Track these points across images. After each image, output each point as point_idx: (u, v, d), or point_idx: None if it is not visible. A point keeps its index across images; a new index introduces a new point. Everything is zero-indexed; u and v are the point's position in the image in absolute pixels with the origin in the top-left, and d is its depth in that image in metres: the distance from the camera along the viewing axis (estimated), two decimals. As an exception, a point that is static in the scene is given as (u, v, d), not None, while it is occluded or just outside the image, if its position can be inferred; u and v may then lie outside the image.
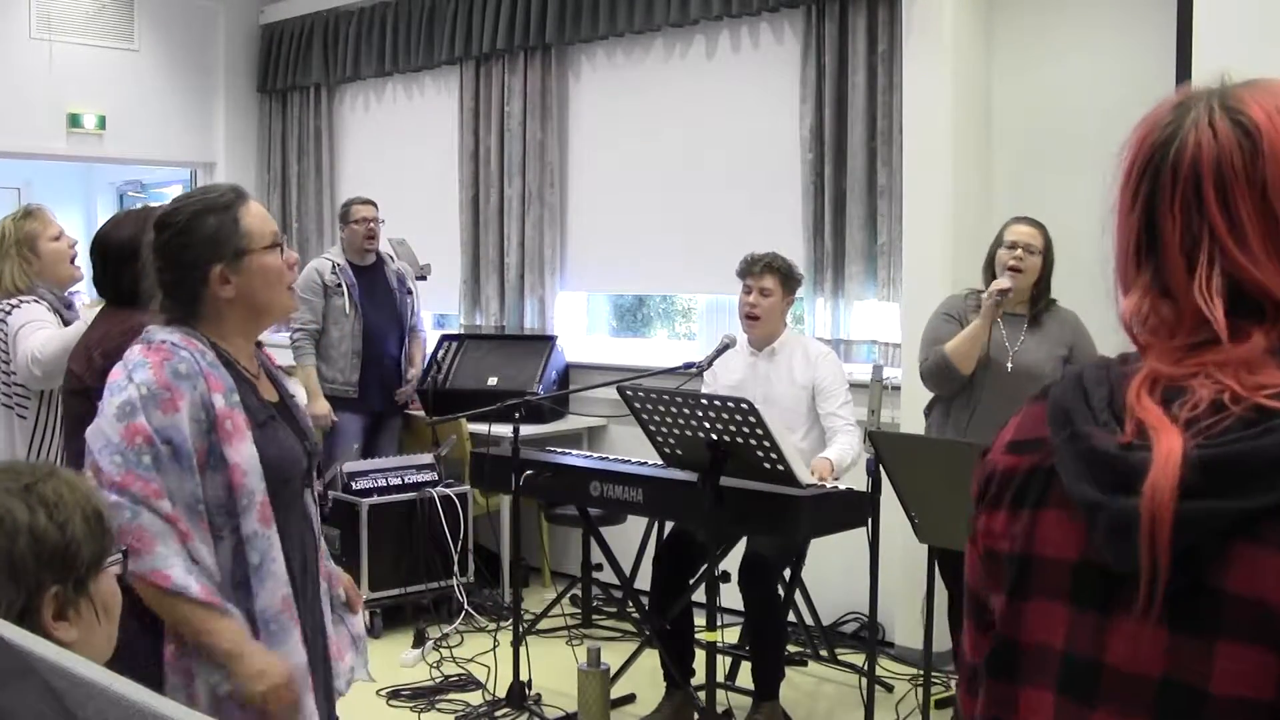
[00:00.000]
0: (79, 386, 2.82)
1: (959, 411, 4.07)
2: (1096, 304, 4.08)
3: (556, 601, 5.37)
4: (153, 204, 3.32)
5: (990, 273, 4.06)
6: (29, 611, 1.34)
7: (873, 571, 3.94)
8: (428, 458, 5.70)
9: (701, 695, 3.86)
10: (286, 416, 2.29)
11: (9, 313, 3.54)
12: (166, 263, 2.21)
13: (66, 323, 3.60)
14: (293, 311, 2.34)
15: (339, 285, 5.83)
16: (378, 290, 5.94)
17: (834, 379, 4.40)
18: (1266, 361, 1.01)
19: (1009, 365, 4.00)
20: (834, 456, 4.21)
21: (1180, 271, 1.05)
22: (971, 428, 4.04)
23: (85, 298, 4.09)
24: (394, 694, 4.65)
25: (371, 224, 5.94)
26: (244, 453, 2.12)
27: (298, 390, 2.38)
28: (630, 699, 4.54)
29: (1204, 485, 0.96)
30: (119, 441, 2.07)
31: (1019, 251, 4.00)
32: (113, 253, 2.94)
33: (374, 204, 6.08)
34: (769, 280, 4.38)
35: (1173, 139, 1.07)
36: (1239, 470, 0.96)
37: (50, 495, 1.41)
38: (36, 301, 3.58)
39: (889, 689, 4.64)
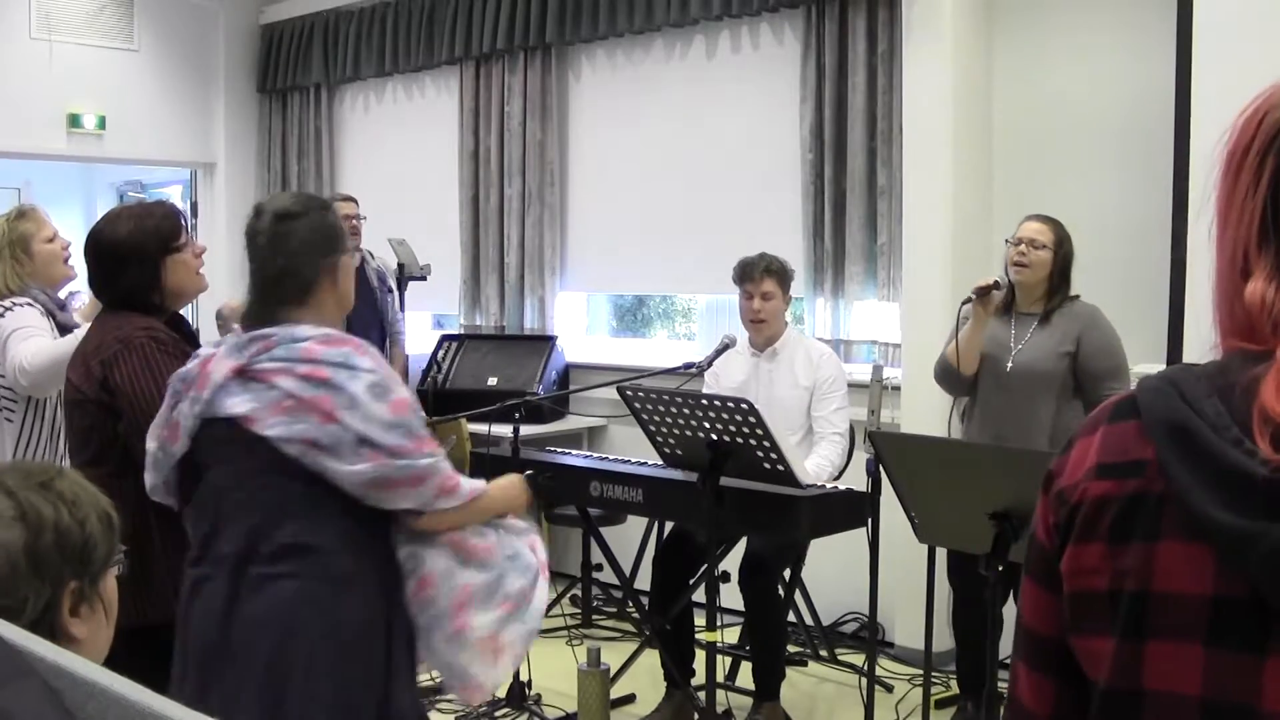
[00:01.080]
0: (78, 397, 2.77)
1: (969, 412, 4.11)
2: (1100, 300, 4.06)
3: (556, 601, 5.36)
4: (148, 199, 3.28)
5: (1007, 273, 4.06)
6: (52, 606, 1.36)
7: (873, 571, 3.94)
8: (428, 458, 5.69)
9: (701, 695, 3.86)
10: None
11: (1, 315, 3.51)
12: (295, 248, 2.42)
13: (60, 324, 3.54)
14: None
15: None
16: (359, 289, 5.83)
17: (834, 381, 4.40)
18: None
19: (1008, 365, 3.99)
20: (811, 469, 4.16)
21: None
22: (974, 428, 4.05)
23: (85, 297, 4.06)
24: (394, 694, 4.65)
25: (354, 221, 5.81)
26: None
27: None
28: (630, 699, 4.54)
29: None
30: (393, 417, 2.30)
31: (1023, 247, 3.98)
32: (108, 252, 2.84)
33: (355, 200, 6.05)
34: (770, 283, 4.38)
35: None
36: None
37: (68, 493, 1.43)
38: (30, 305, 3.52)
39: (889, 689, 4.64)
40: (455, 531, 2.44)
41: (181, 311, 3.03)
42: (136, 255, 2.81)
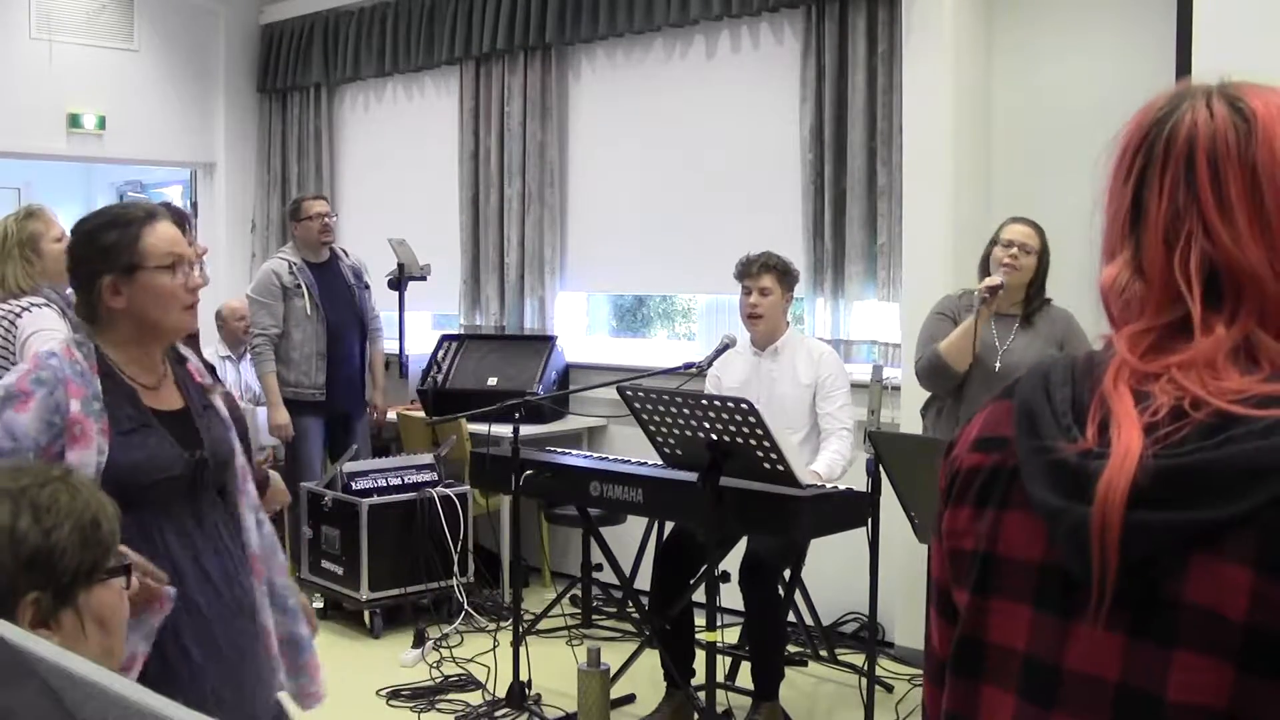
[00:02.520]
0: None
1: (950, 411, 4.09)
2: (1096, 302, 4.07)
3: (556, 601, 5.37)
4: (147, 200, 3.29)
5: (985, 271, 4.08)
6: (2, 614, 1.30)
7: (873, 571, 3.94)
8: (428, 458, 5.70)
9: (701, 695, 3.86)
10: (178, 424, 2.33)
11: (19, 315, 3.52)
12: (72, 265, 2.36)
13: (72, 322, 3.57)
14: (188, 331, 2.40)
15: (298, 286, 5.67)
16: (336, 288, 5.79)
17: (836, 379, 4.41)
18: (1230, 362, 1.01)
19: (996, 365, 4.01)
20: (823, 469, 4.20)
21: (1158, 249, 1.06)
22: (952, 426, 4.05)
23: None
24: (394, 694, 4.65)
25: (326, 219, 5.80)
26: (82, 457, 2.19)
27: (218, 403, 2.46)
28: (630, 699, 4.54)
29: (1161, 496, 0.96)
30: None
31: (1014, 250, 4.01)
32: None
33: (325, 199, 6.03)
34: (767, 279, 4.39)
35: (1169, 118, 1.08)
36: (1197, 482, 0.96)
37: (44, 500, 1.39)
38: (48, 305, 3.54)
39: (889, 689, 4.64)
40: None
41: None
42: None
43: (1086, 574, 1.00)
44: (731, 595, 4.09)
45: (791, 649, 4.68)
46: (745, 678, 4.39)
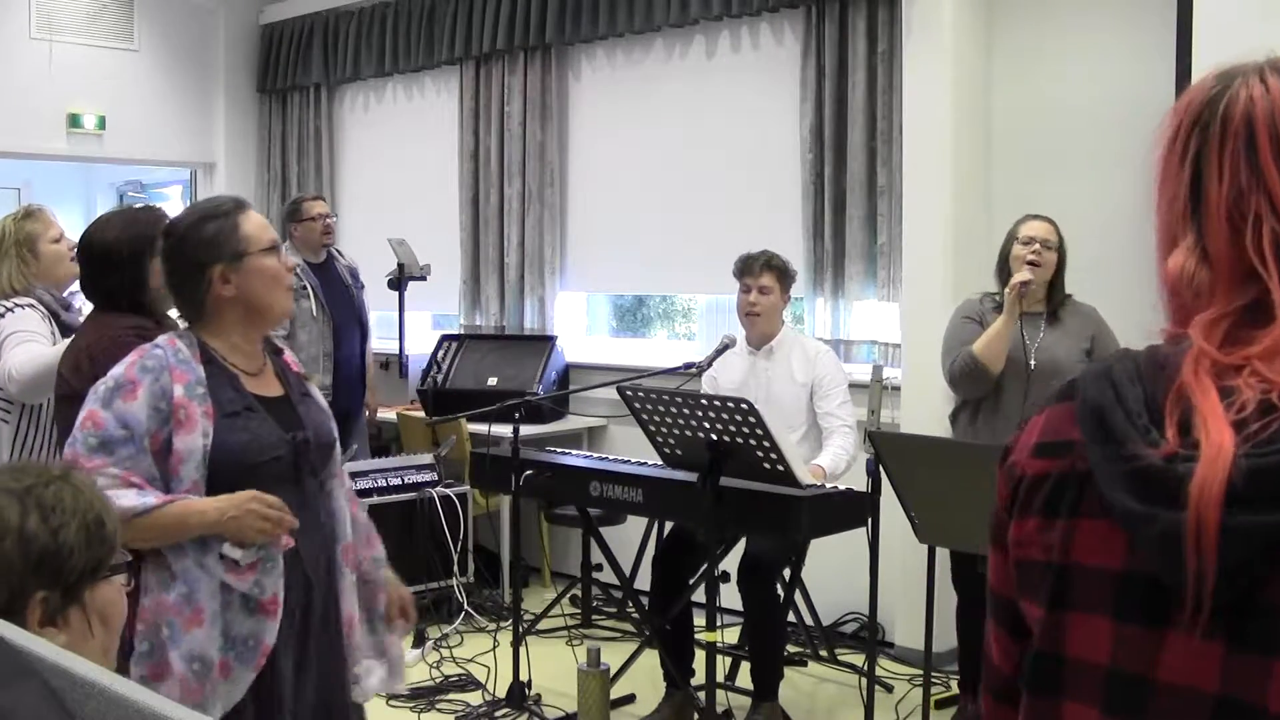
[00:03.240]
0: (69, 392, 2.80)
1: (988, 414, 4.04)
2: (1098, 300, 4.07)
3: (556, 601, 5.37)
4: (138, 206, 3.32)
5: (1004, 272, 4.04)
6: (12, 614, 1.31)
7: (873, 571, 3.93)
8: (428, 458, 5.70)
9: (701, 695, 3.86)
10: (280, 409, 2.42)
11: (2, 315, 3.52)
12: (173, 265, 2.41)
13: (64, 324, 3.56)
14: (291, 312, 2.49)
15: (304, 287, 5.59)
16: (335, 288, 5.77)
17: (833, 377, 4.41)
18: None
19: (1031, 363, 3.98)
20: (826, 464, 4.21)
21: (1223, 231, 1.01)
22: (999, 430, 3.98)
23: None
24: (394, 694, 4.65)
25: (328, 219, 5.78)
26: (187, 441, 2.28)
27: (316, 392, 2.57)
28: (630, 699, 4.54)
29: (1256, 497, 0.92)
30: (75, 428, 2.29)
31: (1036, 246, 3.99)
32: (97, 255, 2.95)
33: (324, 199, 6.03)
34: (767, 278, 4.40)
35: (1222, 96, 1.03)
36: None
37: (49, 499, 1.39)
38: (33, 306, 3.54)
39: (889, 689, 4.64)
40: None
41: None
42: (123, 258, 2.91)
43: (1179, 582, 0.95)
44: (731, 595, 4.09)
45: (791, 649, 4.68)
46: (745, 678, 4.39)
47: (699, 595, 3.97)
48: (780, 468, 3.72)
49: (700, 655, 3.97)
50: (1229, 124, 1.02)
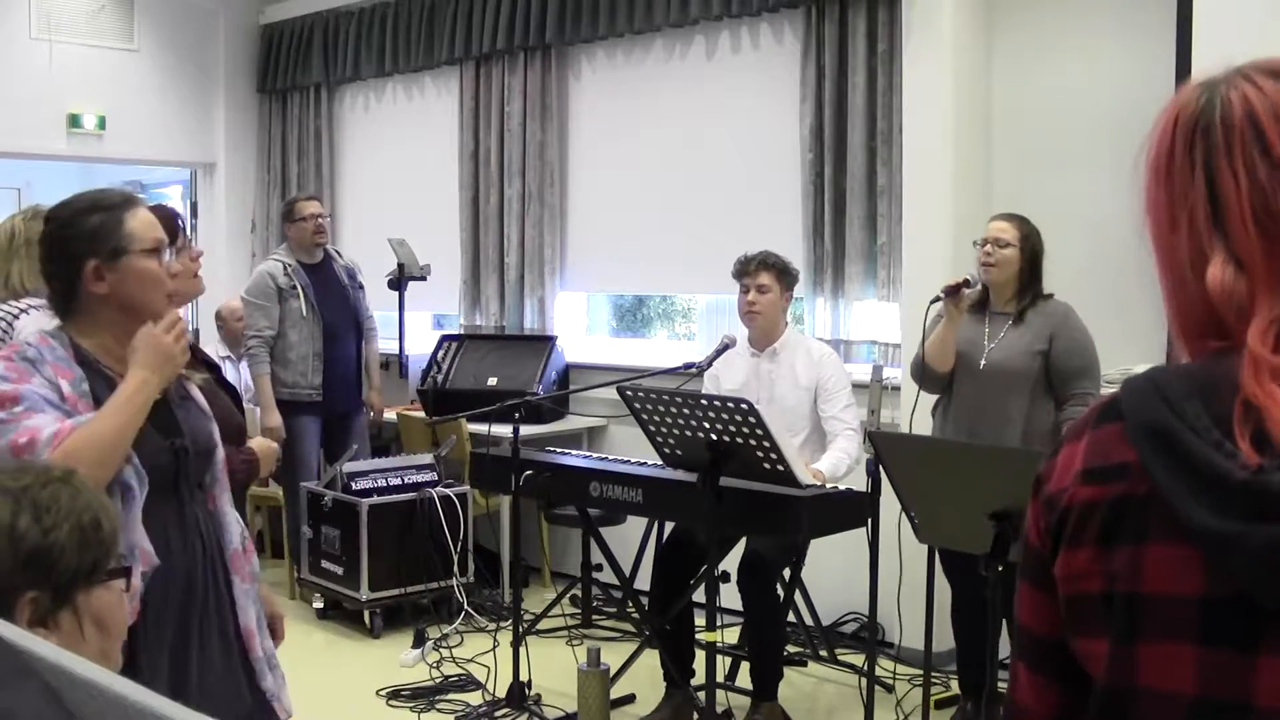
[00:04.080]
0: None
1: (947, 409, 4.12)
2: (1097, 300, 4.07)
3: (556, 601, 5.37)
4: (148, 201, 3.29)
5: (980, 273, 4.07)
6: (1, 613, 1.31)
7: (873, 571, 3.93)
8: (428, 458, 5.69)
9: (701, 695, 3.86)
10: (156, 413, 2.24)
11: (16, 316, 3.51)
12: (48, 253, 2.30)
13: None
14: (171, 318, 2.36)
15: (294, 287, 5.66)
16: (330, 288, 5.79)
17: (837, 380, 4.41)
18: None
19: (981, 363, 4.02)
20: (826, 468, 4.18)
21: (1251, 235, 0.97)
22: (950, 426, 4.08)
23: None
24: (394, 694, 4.65)
25: (320, 219, 5.79)
26: None
27: (196, 393, 2.42)
28: (630, 699, 4.54)
29: None
30: None
31: (988, 246, 4.01)
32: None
33: (318, 199, 6.03)
34: (765, 277, 4.39)
35: (1213, 102, 1.01)
36: None
37: (45, 499, 1.38)
38: (46, 307, 3.54)
39: (889, 689, 4.64)
40: None
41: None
42: None
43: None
44: (731, 595, 4.09)
45: (791, 649, 4.68)
46: (745, 678, 4.39)
47: (699, 595, 3.97)
48: (780, 468, 3.72)
49: (700, 655, 3.97)
50: (1231, 127, 0.99)
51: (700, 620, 3.94)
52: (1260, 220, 0.97)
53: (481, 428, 5.18)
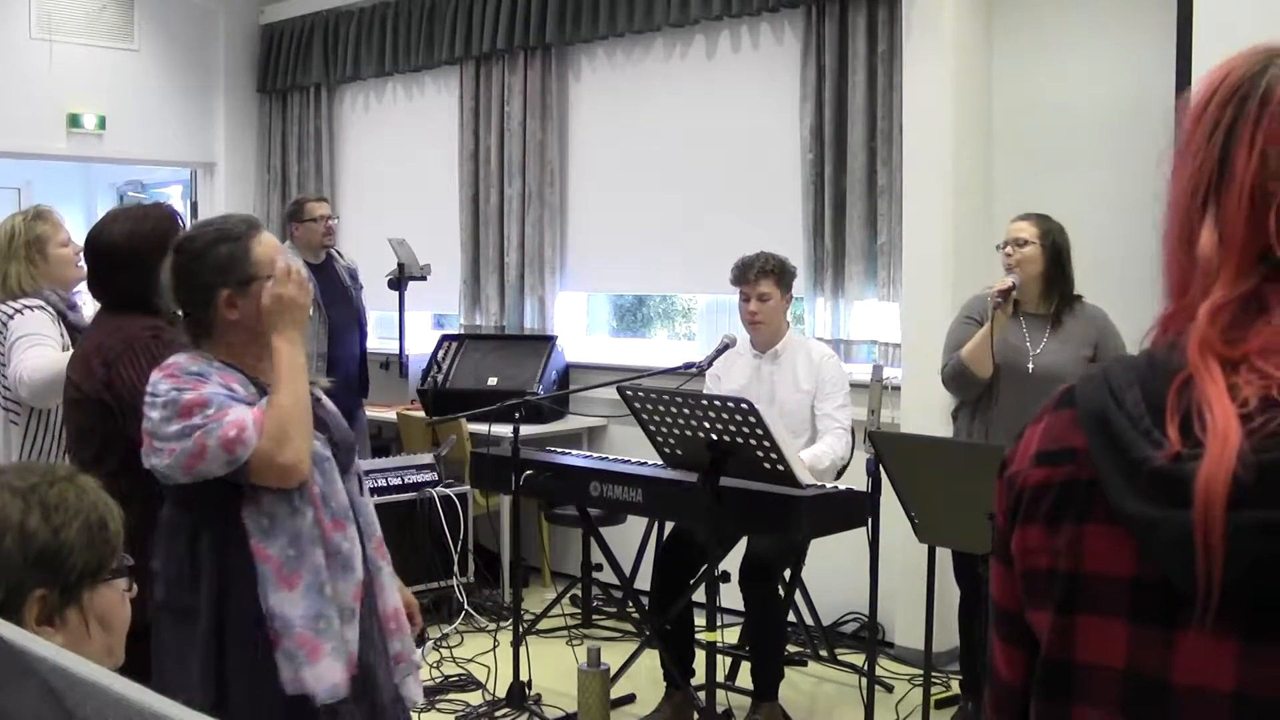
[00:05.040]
0: (78, 396, 2.77)
1: (983, 415, 4.04)
2: (1098, 300, 4.05)
3: (556, 601, 5.37)
4: (146, 201, 3.29)
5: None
6: (9, 610, 1.32)
7: (873, 571, 3.93)
8: (428, 458, 5.69)
9: (701, 695, 3.86)
10: None
11: (11, 317, 3.50)
12: (180, 283, 2.39)
13: (70, 325, 3.55)
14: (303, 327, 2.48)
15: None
16: (334, 288, 5.78)
17: (834, 380, 4.41)
18: None
19: (1029, 367, 3.96)
20: (807, 456, 4.17)
21: (1243, 209, 0.98)
22: (994, 431, 3.99)
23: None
24: (394, 694, 4.65)
25: (329, 221, 5.80)
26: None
27: (324, 398, 2.59)
28: (630, 699, 4.54)
29: (1265, 493, 0.90)
30: (179, 428, 2.23)
31: (1009, 248, 3.99)
32: (104, 254, 2.88)
33: (327, 200, 6.03)
34: (765, 284, 4.38)
35: (1263, 74, 1.00)
36: None
37: (53, 498, 1.39)
38: (42, 308, 3.52)
39: (889, 689, 4.64)
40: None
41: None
42: (133, 257, 2.83)
43: (1189, 582, 0.93)
44: (731, 595, 4.09)
45: (791, 649, 4.68)
46: (745, 678, 4.39)
47: (699, 595, 3.97)
48: (780, 468, 3.72)
49: (700, 655, 3.96)
50: (1269, 101, 0.98)
51: (700, 620, 3.94)
52: (1255, 196, 0.98)
53: (481, 427, 5.17)
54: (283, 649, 2.26)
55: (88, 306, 3.72)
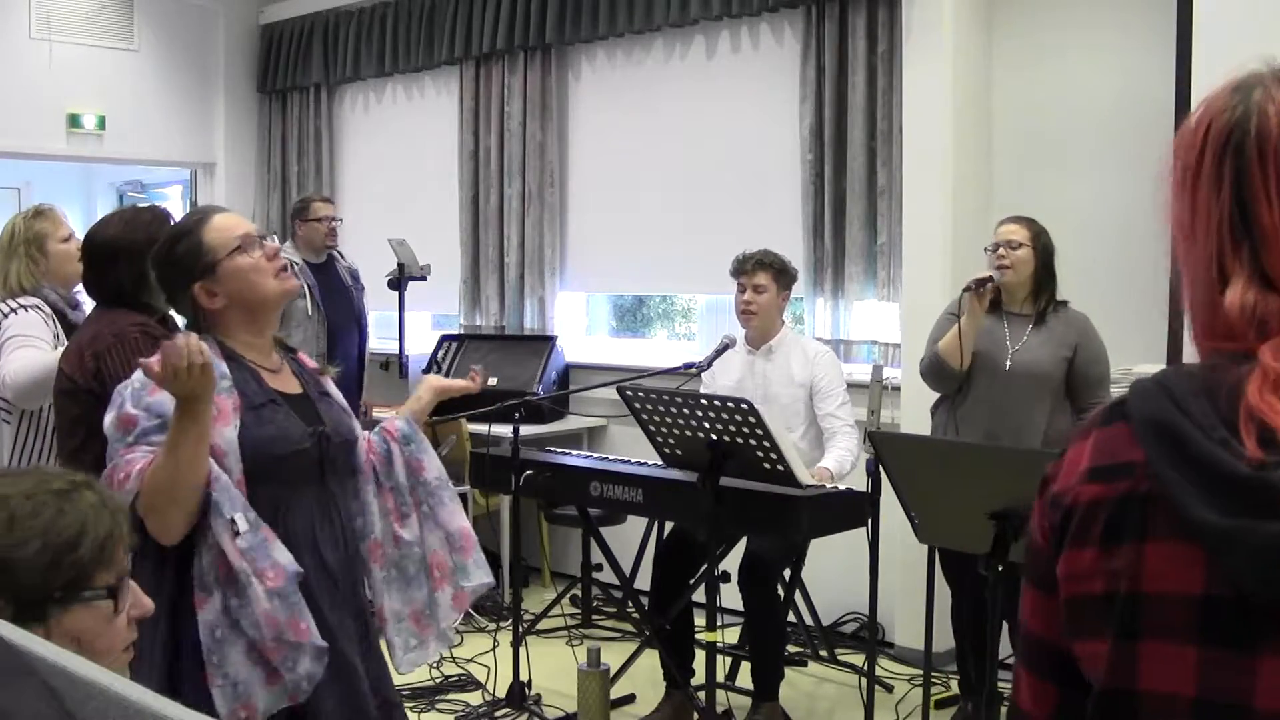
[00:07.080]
0: (69, 387, 2.82)
1: (958, 409, 4.07)
2: (1096, 300, 4.06)
3: (556, 601, 5.37)
4: (140, 205, 3.32)
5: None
6: None
7: (873, 571, 3.94)
8: (428, 458, 5.68)
9: (701, 695, 3.87)
10: (300, 405, 2.44)
11: (6, 316, 3.51)
12: (161, 287, 2.50)
13: (70, 323, 3.56)
14: (293, 294, 2.49)
15: (300, 286, 5.68)
16: (334, 288, 5.79)
17: (832, 379, 4.41)
18: None
19: (1007, 364, 3.99)
20: (833, 466, 4.21)
21: None
22: (965, 426, 4.03)
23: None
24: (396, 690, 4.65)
25: (333, 222, 5.81)
26: (225, 434, 2.27)
27: (332, 389, 2.60)
28: (630, 699, 4.54)
29: None
30: (114, 434, 2.28)
31: (1001, 250, 4.01)
32: (97, 253, 2.95)
33: (332, 201, 6.03)
34: (762, 276, 4.39)
35: (1247, 116, 0.98)
36: None
37: (22, 513, 1.36)
38: (37, 308, 3.53)
39: (889, 689, 4.64)
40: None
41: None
42: (125, 255, 2.90)
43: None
44: (731, 595, 4.09)
45: (791, 649, 4.68)
46: (745, 678, 4.39)
47: (699, 595, 3.97)
48: (780, 468, 3.72)
49: (700, 655, 3.97)
50: (1267, 142, 0.97)
51: (700, 620, 3.94)
52: None
53: (481, 427, 5.18)
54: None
55: (89, 306, 3.73)
